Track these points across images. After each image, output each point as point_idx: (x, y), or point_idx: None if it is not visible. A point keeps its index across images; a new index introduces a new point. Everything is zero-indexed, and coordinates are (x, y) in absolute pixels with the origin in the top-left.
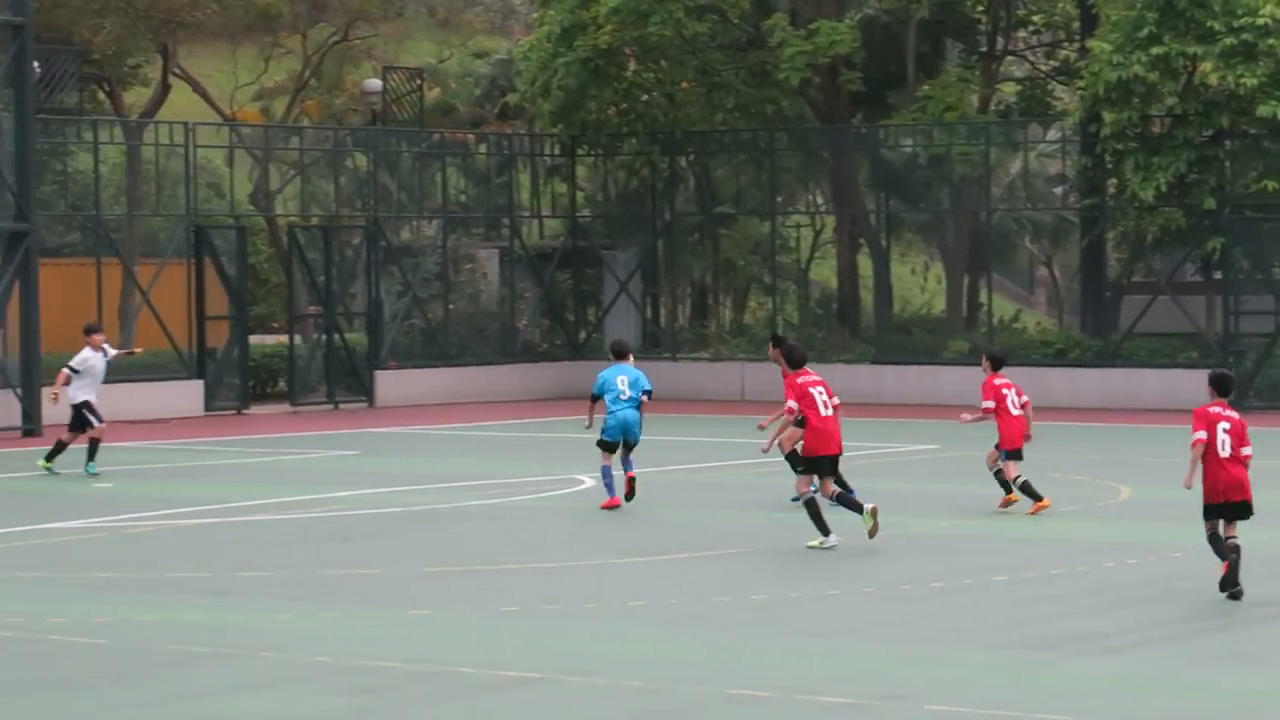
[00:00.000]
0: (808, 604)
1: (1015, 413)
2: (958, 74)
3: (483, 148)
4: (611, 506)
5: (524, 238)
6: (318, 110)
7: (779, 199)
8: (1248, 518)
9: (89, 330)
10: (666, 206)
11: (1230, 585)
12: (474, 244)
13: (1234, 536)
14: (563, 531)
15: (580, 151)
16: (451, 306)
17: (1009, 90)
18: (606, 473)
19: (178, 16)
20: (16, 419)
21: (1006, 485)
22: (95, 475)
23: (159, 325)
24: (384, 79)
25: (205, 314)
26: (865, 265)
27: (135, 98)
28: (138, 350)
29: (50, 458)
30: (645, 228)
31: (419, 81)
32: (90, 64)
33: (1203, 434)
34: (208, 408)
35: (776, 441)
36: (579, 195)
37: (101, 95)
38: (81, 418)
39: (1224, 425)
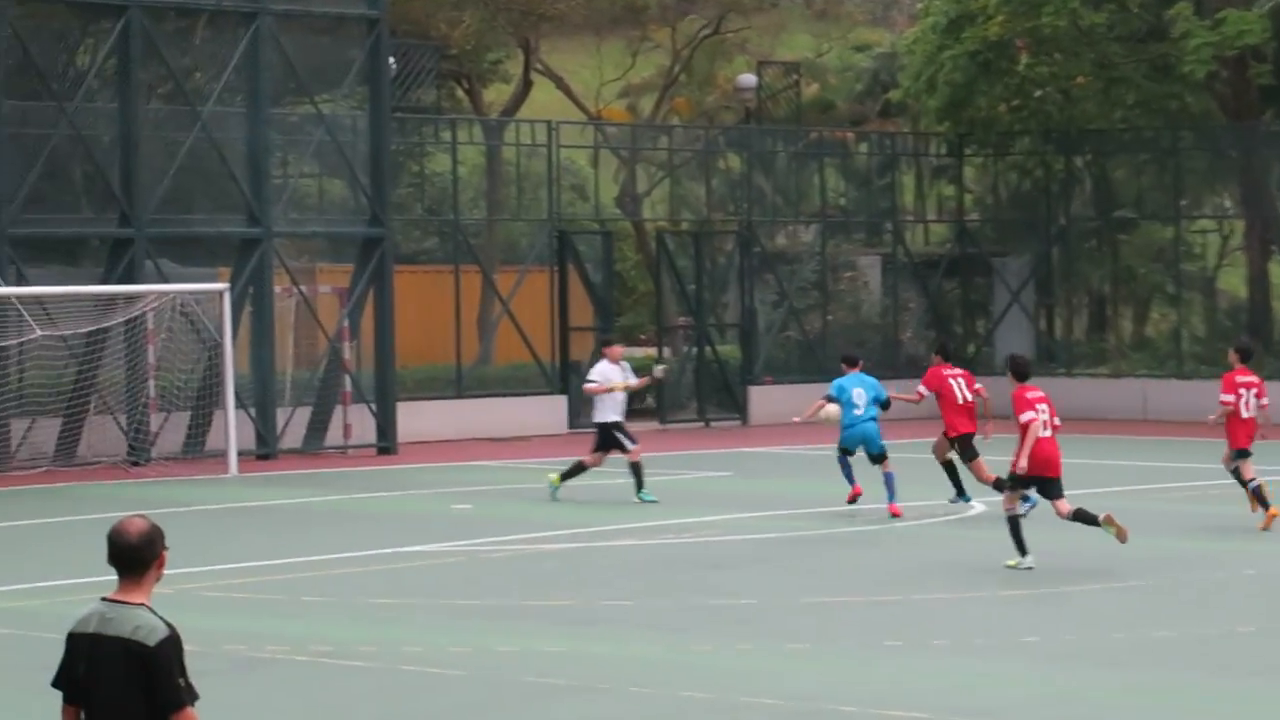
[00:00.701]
0: (1216, 642)
1: (1246, 415)
2: None
3: (863, 147)
4: (855, 496)
5: (908, 243)
6: (688, 108)
7: (1183, 202)
8: None
9: (606, 343)
10: (1061, 210)
11: None
12: (854, 250)
13: None
14: (949, 560)
15: (968, 151)
16: (830, 317)
17: None
18: (844, 462)
19: (540, 9)
20: (371, 436)
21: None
22: (653, 503)
23: (520, 337)
24: (758, 74)
25: (569, 325)
26: (1278, 273)
27: (495, 95)
28: (658, 373)
29: (565, 476)
30: (1038, 233)
31: (795, 77)
32: (448, 60)
33: None
34: (571, 425)
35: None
36: (967, 198)
37: (460, 93)
38: (610, 438)
39: None
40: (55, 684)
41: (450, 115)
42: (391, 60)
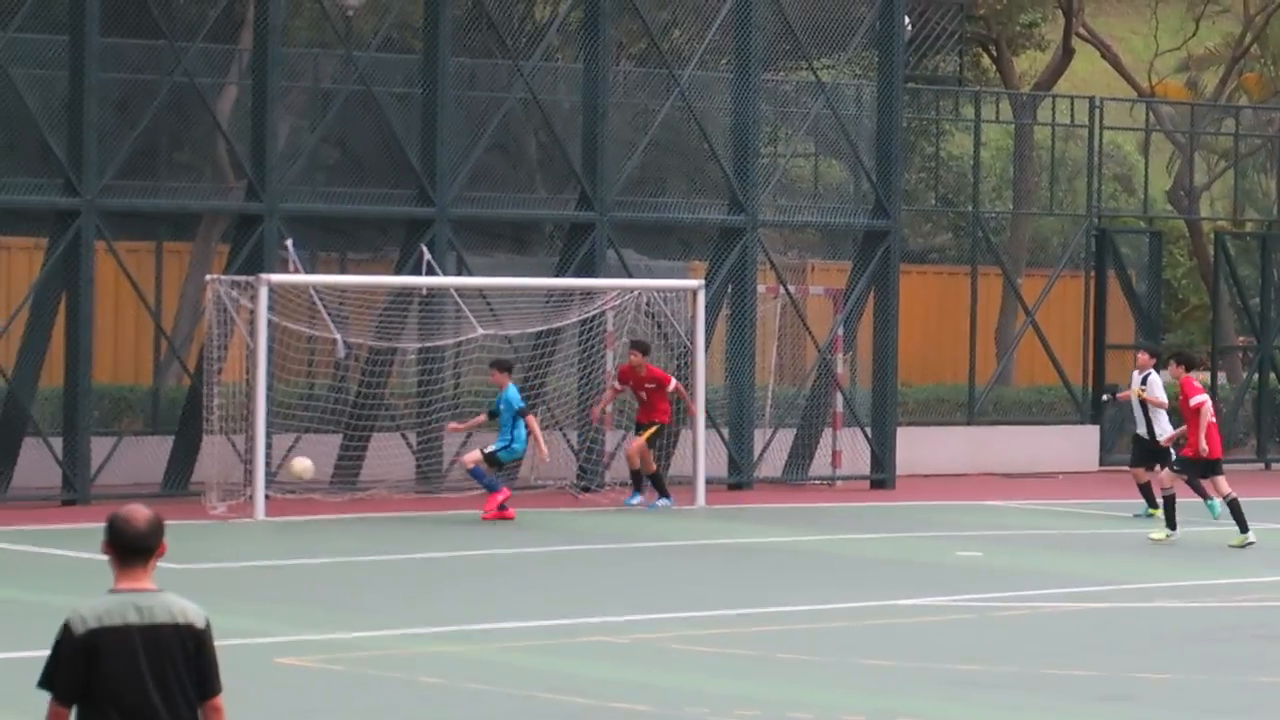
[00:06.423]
0: None
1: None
2: None
3: None
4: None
5: None
6: (1259, 85)
7: None
8: None
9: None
10: None
11: None
12: None
13: None
14: None
15: None
16: None
17: None
18: None
19: None
20: (865, 467)
21: None
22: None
23: (1046, 353)
24: None
25: (1105, 341)
26: None
27: (1028, 64)
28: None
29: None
30: None
31: None
32: (974, 21)
33: None
34: (1103, 461)
35: None
36: None
37: (986, 61)
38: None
39: None
40: (48, 685)
41: (973, 88)
42: (907, 20)
